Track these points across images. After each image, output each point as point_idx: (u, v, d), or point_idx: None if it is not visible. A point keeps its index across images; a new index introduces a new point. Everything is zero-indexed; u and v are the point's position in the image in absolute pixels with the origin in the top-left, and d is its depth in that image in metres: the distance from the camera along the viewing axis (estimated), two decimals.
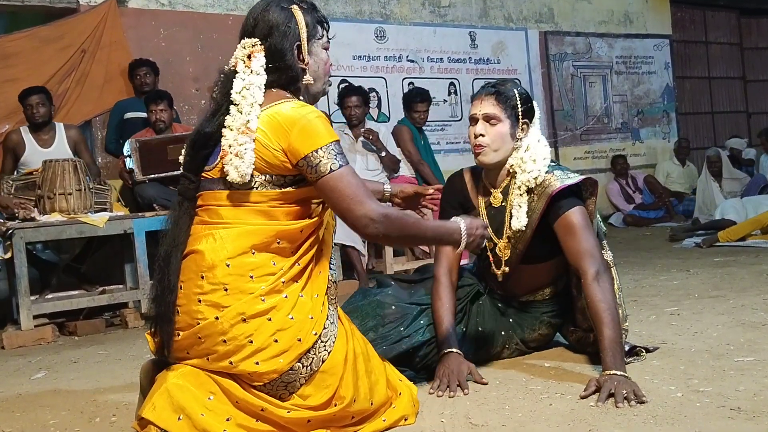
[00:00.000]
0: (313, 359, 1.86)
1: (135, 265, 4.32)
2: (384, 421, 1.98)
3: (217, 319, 1.81)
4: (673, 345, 2.64)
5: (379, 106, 7.07)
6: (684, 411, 1.92)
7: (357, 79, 6.70)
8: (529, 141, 2.50)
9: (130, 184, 4.91)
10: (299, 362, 1.84)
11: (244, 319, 1.81)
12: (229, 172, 1.86)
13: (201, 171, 1.96)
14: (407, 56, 7.39)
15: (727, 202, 6.60)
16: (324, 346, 1.88)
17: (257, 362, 1.81)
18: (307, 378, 1.86)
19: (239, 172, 1.85)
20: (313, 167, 1.86)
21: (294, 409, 1.84)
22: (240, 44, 1.98)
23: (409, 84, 7.14)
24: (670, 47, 9.67)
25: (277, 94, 1.95)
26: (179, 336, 1.86)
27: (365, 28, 7.11)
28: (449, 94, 7.66)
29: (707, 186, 7.62)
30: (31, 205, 4.16)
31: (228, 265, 1.84)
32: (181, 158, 2.00)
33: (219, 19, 6.21)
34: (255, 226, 1.87)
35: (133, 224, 4.28)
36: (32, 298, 4.10)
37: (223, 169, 1.89)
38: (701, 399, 2.01)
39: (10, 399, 2.71)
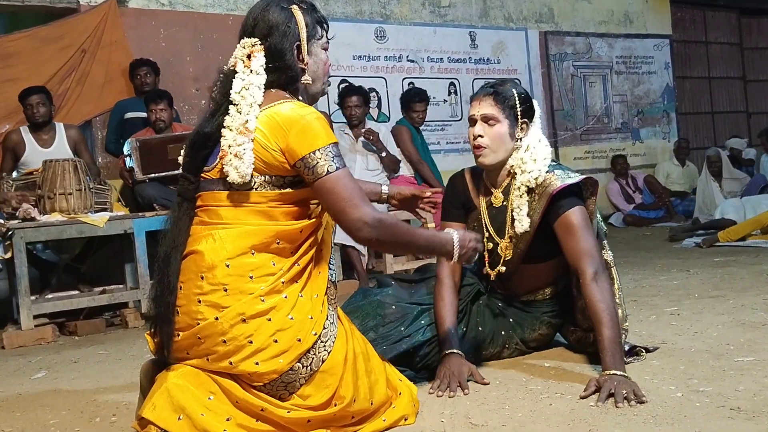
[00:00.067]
0: (313, 359, 1.86)
1: (135, 265, 4.33)
2: (384, 420, 1.98)
3: (217, 319, 1.81)
4: (673, 345, 2.64)
5: (379, 106, 7.07)
6: (684, 411, 1.92)
7: (357, 79, 6.70)
8: (529, 141, 2.50)
9: (130, 183, 4.91)
10: (299, 362, 1.84)
11: (244, 320, 1.81)
12: (229, 173, 1.86)
13: (200, 172, 1.96)
14: (407, 56, 7.39)
15: (727, 202, 6.60)
16: (324, 346, 1.88)
17: (257, 362, 1.81)
18: (307, 378, 1.86)
19: (239, 173, 1.85)
20: (310, 168, 1.86)
21: (294, 409, 1.84)
22: (239, 44, 1.98)
23: (409, 84, 7.14)
24: (670, 47, 9.67)
25: (276, 94, 1.95)
26: (179, 336, 1.86)
27: (365, 28, 7.11)
28: (449, 94, 7.66)
29: (707, 186, 7.62)
30: (30, 197, 4.17)
31: (228, 266, 1.84)
32: (181, 159, 2.00)
33: (219, 19, 6.21)
34: (254, 227, 1.88)
35: (134, 224, 4.28)
36: (32, 297, 4.10)
37: (222, 170, 1.89)
38: (701, 399, 2.01)
39: (10, 399, 2.71)
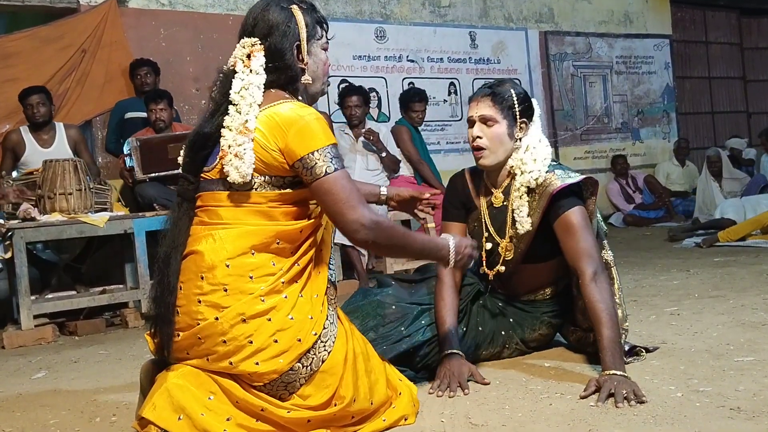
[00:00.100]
0: (313, 359, 1.86)
1: (135, 264, 4.33)
2: (384, 420, 1.98)
3: (217, 319, 1.81)
4: (673, 345, 2.64)
5: (379, 106, 7.07)
6: (684, 411, 1.92)
7: (357, 79, 6.70)
8: (529, 141, 2.50)
9: (130, 182, 4.90)
10: (299, 362, 1.84)
11: (244, 320, 1.81)
12: (230, 173, 1.86)
13: (200, 172, 1.96)
14: (407, 56, 7.39)
15: (727, 202, 6.60)
16: (324, 346, 1.88)
17: (257, 362, 1.81)
18: (307, 378, 1.86)
19: (240, 173, 1.85)
20: (308, 169, 1.86)
21: (294, 409, 1.84)
22: (239, 43, 1.98)
23: (409, 84, 7.14)
24: (670, 47, 9.67)
25: (276, 94, 1.95)
26: (179, 336, 1.86)
27: (365, 28, 7.11)
28: (449, 94, 7.65)
29: (707, 186, 7.62)
30: (28, 192, 4.17)
31: (228, 266, 1.84)
32: (180, 159, 2.00)
33: (219, 19, 6.21)
34: (254, 227, 1.88)
35: (134, 224, 4.28)
36: (32, 297, 4.10)
37: (222, 170, 1.89)
38: (701, 399, 2.01)
39: (10, 398, 2.71)
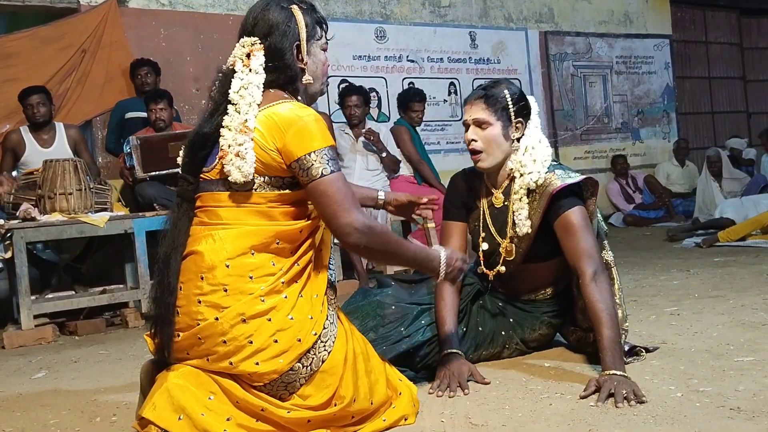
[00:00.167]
0: (313, 359, 1.86)
1: (135, 264, 4.33)
2: (384, 420, 1.98)
3: (217, 319, 1.81)
4: (673, 345, 2.64)
5: (379, 106, 7.07)
6: (684, 411, 1.92)
7: (357, 79, 6.70)
8: (528, 142, 2.50)
9: (130, 181, 4.90)
10: (299, 362, 1.84)
11: (244, 320, 1.81)
12: (231, 172, 1.85)
13: (199, 172, 1.96)
14: (407, 56, 7.39)
15: (727, 202, 6.61)
16: (324, 346, 1.88)
17: (257, 363, 1.81)
18: (307, 378, 1.86)
19: (242, 172, 1.85)
20: (304, 170, 1.85)
21: (294, 409, 1.84)
22: (239, 43, 1.98)
23: (409, 84, 7.14)
24: (670, 47, 9.67)
25: (275, 94, 1.95)
26: (179, 337, 1.86)
27: (365, 28, 7.11)
28: (449, 94, 7.66)
29: (707, 186, 7.62)
30: (10, 181, 4.19)
31: (227, 266, 1.84)
32: (180, 159, 2.00)
33: (219, 19, 6.21)
34: (254, 227, 1.88)
35: (134, 224, 4.28)
36: (33, 297, 4.10)
37: (222, 170, 1.89)
38: (701, 399, 2.01)
39: (10, 398, 2.71)
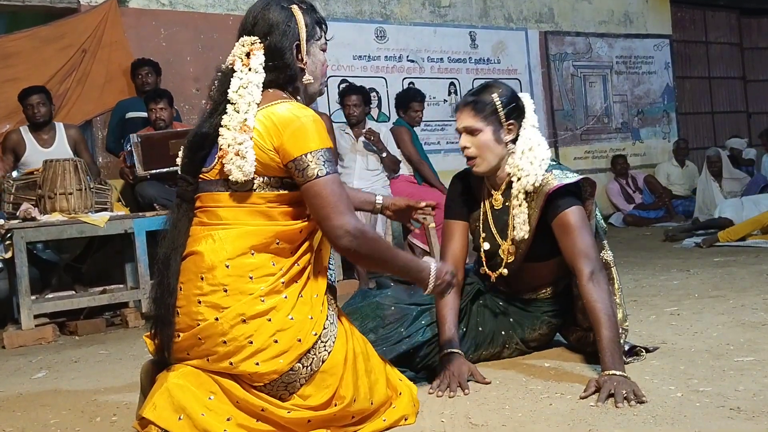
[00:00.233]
0: (313, 359, 1.86)
1: (136, 264, 4.33)
2: (384, 420, 1.99)
3: (217, 320, 1.81)
4: (673, 345, 2.64)
5: (379, 106, 7.06)
6: (684, 411, 1.92)
7: (357, 79, 6.69)
8: (526, 144, 2.48)
9: (131, 179, 4.89)
10: (299, 362, 1.84)
11: (244, 320, 1.81)
12: (232, 172, 1.85)
13: (199, 173, 1.96)
14: (407, 56, 7.38)
15: (726, 202, 6.61)
16: (324, 346, 1.88)
17: (257, 363, 1.81)
18: (307, 378, 1.86)
19: (243, 172, 1.84)
20: (300, 171, 1.85)
21: (294, 409, 1.84)
22: (239, 42, 1.98)
23: (409, 84, 7.14)
24: (670, 47, 9.67)
25: (274, 94, 1.95)
26: (179, 337, 1.86)
27: (365, 28, 7.11)
28: (449, 94, 7.65)
29: (707, 186, 7.62)
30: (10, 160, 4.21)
31: (227, 266, 1.84)
32: (179, 160, 2.00)
33: (219, 19, 6.21)
34: (254, 227, 1.88)
35: (134, 224, 4.28)
36: (33, 297, 4.10)
37: (221, 170, 1.89)
38: (701, 399, 2.01)
39: (11, 398, 2.71)
